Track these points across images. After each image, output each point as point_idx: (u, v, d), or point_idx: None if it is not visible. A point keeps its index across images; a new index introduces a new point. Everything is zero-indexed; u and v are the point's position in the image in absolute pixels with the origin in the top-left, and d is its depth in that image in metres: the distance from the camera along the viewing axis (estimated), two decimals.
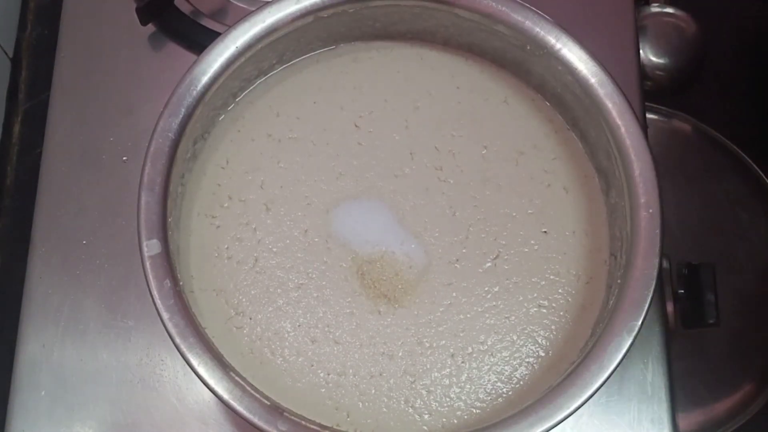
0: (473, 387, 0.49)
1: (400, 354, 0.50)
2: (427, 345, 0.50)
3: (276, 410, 0.44)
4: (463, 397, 0.49)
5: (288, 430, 0.43)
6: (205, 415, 0.55)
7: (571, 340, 0.50)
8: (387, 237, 0.52)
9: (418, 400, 0.49)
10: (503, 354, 0.50)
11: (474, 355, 0.50)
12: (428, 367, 0.50)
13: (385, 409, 0.49)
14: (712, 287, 0.65)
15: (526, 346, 0.50)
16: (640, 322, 0.46)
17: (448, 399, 0.49)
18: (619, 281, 0.48)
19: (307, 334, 0.50)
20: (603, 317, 0.49)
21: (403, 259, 0.51)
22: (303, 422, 0.44)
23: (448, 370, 0.49)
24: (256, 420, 0.44)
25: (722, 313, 0.64)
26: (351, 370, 0.49)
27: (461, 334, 0.50)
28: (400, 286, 0.51)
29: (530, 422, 0.44)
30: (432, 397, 0.49)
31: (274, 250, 0.52)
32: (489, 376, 0.49)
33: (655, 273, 0.46)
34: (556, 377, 0.47)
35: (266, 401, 0.44)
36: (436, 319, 0.50)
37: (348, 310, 0.50)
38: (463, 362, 0.50)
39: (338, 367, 0.49)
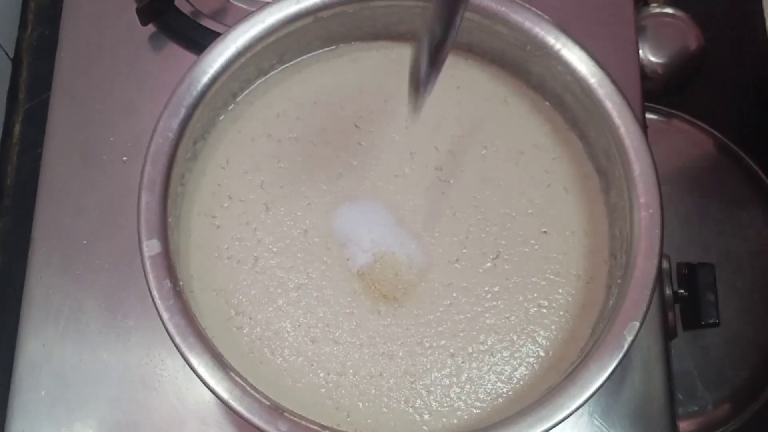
0: (473, 387, 0.49)
1: (400, 354, 0.50)
2: (427, 345, 0.50)
3: (276, 410, 0.44)
4: (463, 397, 0.49)
5: (288, 430, 0.43)
6: (205, 415, 0.55)
7: (571, 340, 0.50)
8: (387, 237, 0.52)
9: (418, 400, 0.49)
10: (503, 354, 0.50)
11: (474, 355, 0.50)
12: (428, 367, 0.50)
13: (385, 409, 0.49)
14: (712, 287, 0.65)
15: (526, 346, 0.50)
16: (640, 322, 0.46)
17: (448, 399, 0.49)
18: (619, 281, 0.48)
19: (307, 334, 0.50)
20: (603, 317, 0.49)
21: (403, 260, 0.51)
22: (303, 422, 0.44)
23: (448, 370, 0.49)
24: (256, 420, 0.44)
25: (722, 313, 0.64)
26: (351, 370, 0.49)
27: (461, 334, 0.50)
28: (400, 287, 0.51)
29: (530, 422, 0.44)
30: (432, 397, 0.49)
31: (274, 250, 0.52)
32: (489, 376, 0.49)
33: (655, 273, 0.46)
34: (556, 377, 0.47)
35: (266, 401, 0.44)
36: (436, 319, 0.50)
37: (348, 310, 0.50)
38: (463, 362, 0.50)
39: (338, 367, 0.49)
